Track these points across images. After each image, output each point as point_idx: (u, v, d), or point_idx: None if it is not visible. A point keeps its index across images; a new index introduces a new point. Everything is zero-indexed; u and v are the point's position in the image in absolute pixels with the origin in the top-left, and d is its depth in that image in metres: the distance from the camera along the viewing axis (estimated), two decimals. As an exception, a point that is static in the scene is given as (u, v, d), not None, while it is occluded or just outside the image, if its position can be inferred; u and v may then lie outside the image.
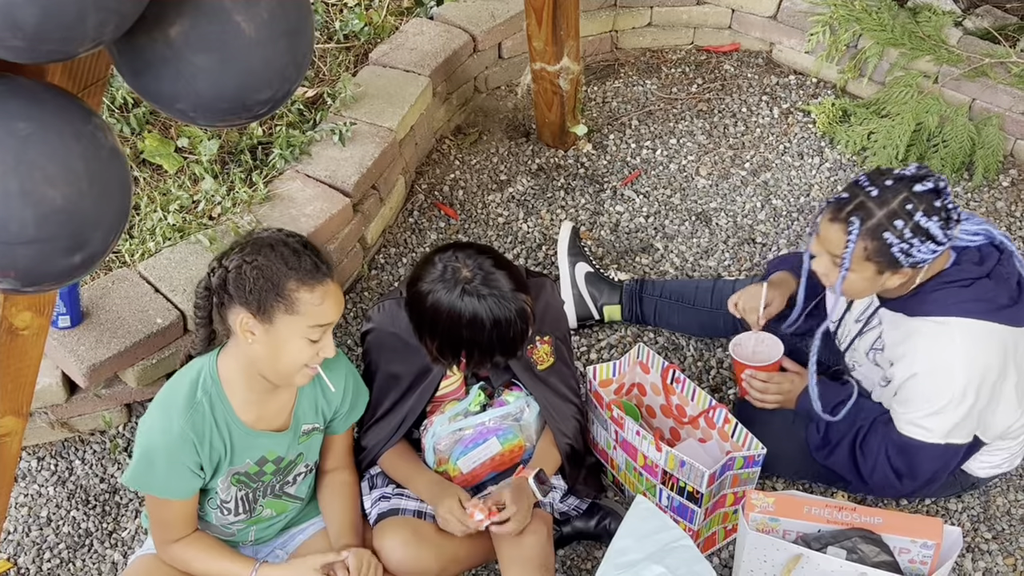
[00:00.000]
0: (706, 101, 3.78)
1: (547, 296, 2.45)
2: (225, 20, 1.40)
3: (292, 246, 2.04)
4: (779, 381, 2.56)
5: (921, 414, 2.34)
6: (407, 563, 2.27)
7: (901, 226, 2.16)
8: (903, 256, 2.19)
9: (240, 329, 2.04)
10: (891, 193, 2.19)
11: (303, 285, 2.01)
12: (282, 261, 2.01)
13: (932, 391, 2.31)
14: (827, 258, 2.30)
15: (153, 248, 2.79)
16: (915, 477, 2.42)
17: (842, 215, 2.22)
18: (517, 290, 2.20)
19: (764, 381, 2.57)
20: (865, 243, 2.20)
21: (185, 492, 2.16)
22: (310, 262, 2.03)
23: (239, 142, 3.14)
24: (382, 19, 3.68)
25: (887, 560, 2.17)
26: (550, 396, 2.44)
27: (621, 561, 2.08)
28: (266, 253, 2.02)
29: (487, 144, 3.64)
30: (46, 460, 2.71)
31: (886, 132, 3.48)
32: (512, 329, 2.20)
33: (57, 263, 1.41)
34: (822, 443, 2.52)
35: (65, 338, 2.56)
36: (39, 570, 2.52)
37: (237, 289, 2.02)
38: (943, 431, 2.34)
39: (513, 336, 2.22)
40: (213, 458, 2.15)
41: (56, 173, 1.35)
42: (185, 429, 2.09)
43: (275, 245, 2.04)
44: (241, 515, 2.28)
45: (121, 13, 1.26)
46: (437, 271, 2.21)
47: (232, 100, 1.47)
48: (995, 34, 3.62)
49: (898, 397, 2.39)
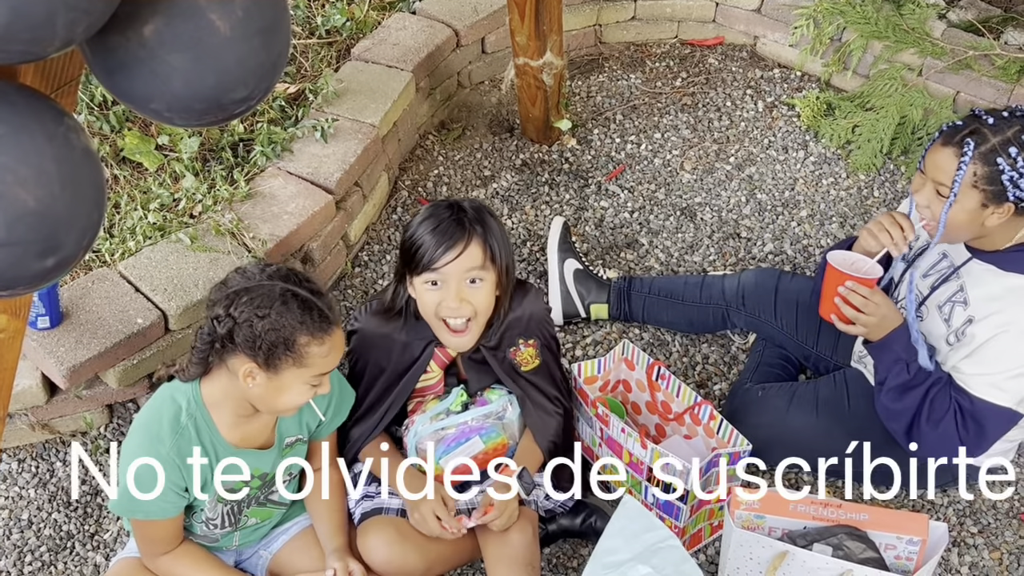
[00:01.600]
0: (690, 95, 3.77)
1: (531, 301, 2.43)
2: (199, 18, 1.37)
3: (302, 297, 2.01)
4: (879, 302, 2.35)
5: (1004, 375, 2.28)
6: (392, 563, 2.26)
7: (1015, 154, 2.17)
8: (1011, 187, 2.18)
9: (242, 376, 2.02)
10: (1007, 124, 2.20)
11: (313, 340, 2.01)
12: (295, 317, 1.98)
13: (1021, 350, 2.26)
14: (930, 188, 2.28)
15: (133, 247, 2.76)
16: (979, 442, 2.35)
17: (956, 139, 2.22)
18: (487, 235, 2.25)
19: (865, 298, 2.34)
20: (976, 167, 2.19)
21: (171, 513, 2.14)
22: (319, 314, 2.01)
23: (220, 139, 3.11)
24: (364, 14, 3.65)
25: (873, 556, 2.16)
26: (534, 394, 2.43)
27: (608, 561, 2.07)
28: (278, 308, 1.98)
29: (471, 140, 3.62)
30: (27, 462, 2.68)
31: (870, 125, 3.48)
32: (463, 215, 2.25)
33: (30, 267, 1.38)
34: (909, 381, 2.36)
35: (45, 339, 2.53)
36: (20, 573, 2.49)
37: (246, 342, 1.99)
38: (1019, 395, 2.30)
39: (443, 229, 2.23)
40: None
41: (28, 175, 1.33)
42: (171, 453, 2.07)
43: (286, 298, 1.99)
44: (227, 527, 2.27)
45: (91, 12, 1.24)
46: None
47: (207, 100, 1.44)
48: (979, 26, 3.61)
49: (977, 356, 2.31)
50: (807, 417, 2.58)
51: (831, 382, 2.65)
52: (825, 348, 2.74)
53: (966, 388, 2.34)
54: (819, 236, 3.27)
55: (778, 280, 2.85)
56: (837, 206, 3.37)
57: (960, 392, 2.34)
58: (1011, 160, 2.18)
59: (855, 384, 2.61)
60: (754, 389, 2.68)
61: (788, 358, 2.84)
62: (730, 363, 2.93)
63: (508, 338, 2.39)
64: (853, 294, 2.35)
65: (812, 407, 2.59)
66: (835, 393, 2.61)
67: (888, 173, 3.47)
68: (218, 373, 2.09)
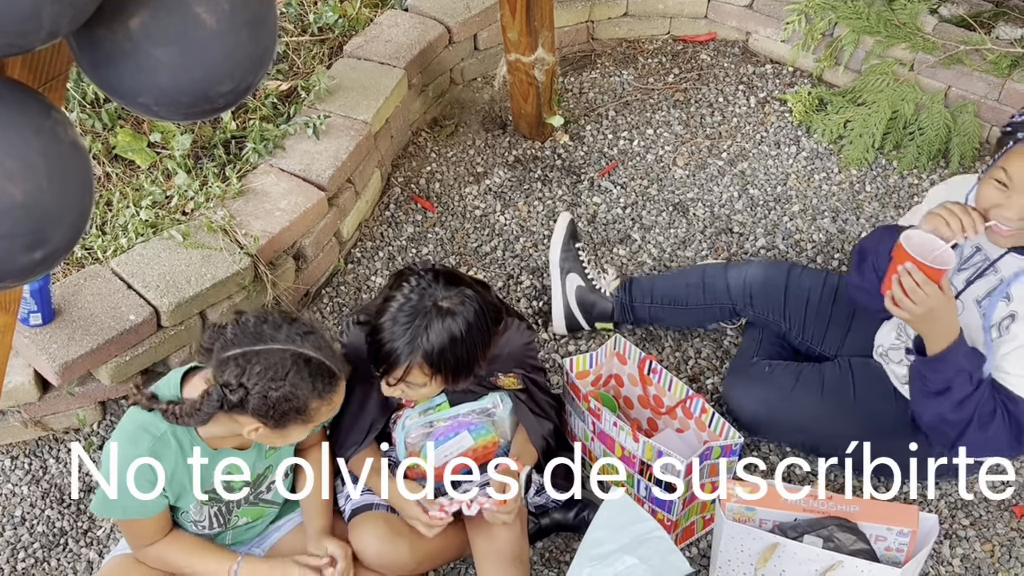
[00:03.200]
0: (683, 91, 3.77)
1: (509, 338, 2.34)
2: (185, 11, 1.37)
3: (315, 363, 2.00)
4: (931, 293, 2.21)
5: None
6: (383, 558, 2.26)
7: None
8: None
9: (247, 431, 2.04)
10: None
11: (324, 403, 2.04)
12: (307, 387, 1.99)
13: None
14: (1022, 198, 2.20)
15: (126, 244, 2.77)
16: (1022, 442, 2.32)
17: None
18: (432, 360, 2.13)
19: (918, 284, 2.22)
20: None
21: (152, 511, 2.14)
22: (329, 376, 2.02)
23: (212, 136, 3.11)
24: (356, 11, 3.66)
25: (863, 548, 2.17)
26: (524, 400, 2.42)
27: (595, 552, 2.07)
28: (292, 379, 1.97)
29: (463, 136, 3.62)
30: (20, 459, 2.69)
31: (862, 120, 3.48)
32: (382, 347, 2.15)
33: (17, 260, 1.38)
34: (972, 390, 2.29)
35: (37, 336, 2.53)
36: (13, 570, 2.50)
37: (257, 410, 1.98)
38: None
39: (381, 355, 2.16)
40: (175, 486, 2.13)
41: (15, 169, 1.33)
42: (156, 447, 2.07)
43: (299, 366, 1.98)
44: (216, 528, 2.27)
45: (77, 4, 1.24)
46: (431, 278, 2.16)
47: (194, 93, 1.44)
48: (970, 21, 3.62)
49: (1018, 354, 2.27)
50: (811, 397, 2.59)
51: (836, 368, 2.64)
52: (830, 347, 2.73)
53: (1009, 388, 2.30)
54: (811, 231, 3.27)
55: (788, 276, 2.80)
56: (829, 201, 3.37)
57: (1002, 392, 2.30)
58: None
59: (862, 374, 2.59)
60: (761, 364, 2.68)
61: (785, 338, 2.83)
62: (722, 357, 2.93)
63: (487, 370, 2.34)
64: (907, 276, 2.23)
65: (818, 389, 2.59)
66: (840, 379, 2.61)
67: (880, 168, 3.48)
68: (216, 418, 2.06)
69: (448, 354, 2.12)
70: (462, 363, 2.16)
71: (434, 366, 2.13)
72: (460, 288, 2.15)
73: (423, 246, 3.24)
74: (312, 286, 3.05)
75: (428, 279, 2.15)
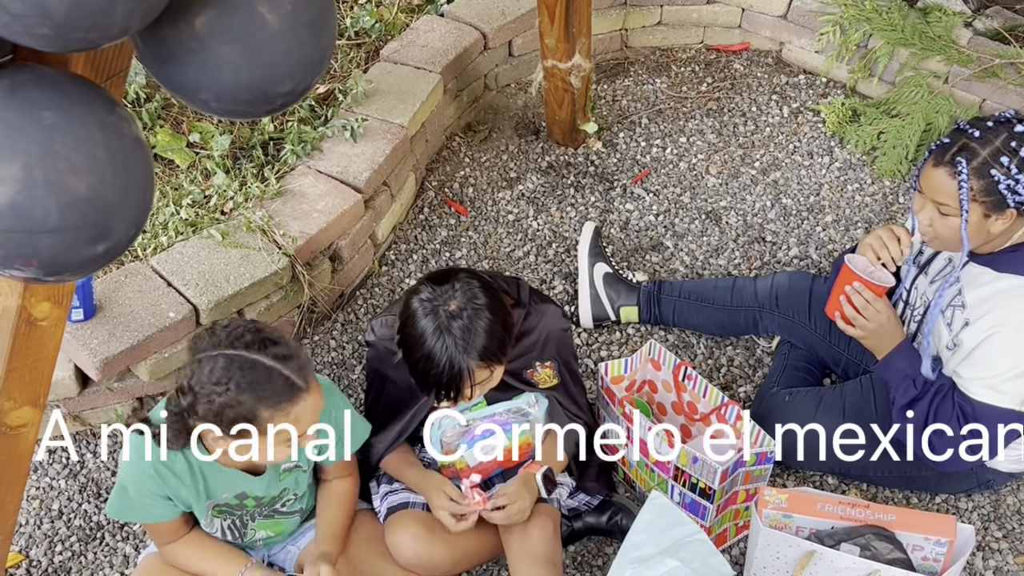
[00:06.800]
0: (716, 100, 3.78)
1: (548, 321, 2.39)
2: (249, 10, 1.40)
3: (260, 365, 1.92)
4: (879, 309, 2.43)
5: (1001, 377, 2.27)
6: (420, 558, 2.27)
7: (1007, 162, 2.17)
8: (1010, 194, 2.18)
9: (210, 443, 2.02)
10: (993, 133, 2.20)
11: (277, 412, 1.94)
12: (254, 391, 1.91)
13: (1015, 352, 2.25)
14: (932, 207, 2.28)
15: (166, 242, 2.80)
16: (987, 447, 2.35)
17: (946, 158, 2.22)
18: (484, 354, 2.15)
19: (867, 301, 2.43)
20: (971, 183, 2.20)
21: (167, 516, 2.17)
22: (282, 382, 1.93)
23: (251, 138, 3.14)
24: (393, 16, 3.68)
25: (900, 557, 2.17)
26: (556, 407, 2.44)
27: (635, 556, 2.08)
28: (235, 384, 1.91)
29: (497, 141, 3.64)
30: (58, 453, 2.71)
31: (896, 132, 3.48)
32: (443, 377, 2.16)
33: (80, 252, 1.41)
34: (917, 395, 2.40)
35: (78, 331, 2.56)
36: (51, 563, 2.52)
37: (206, 415, 1.95)
38: (1020, 396, 2.29)
39: (446, 383, 2.17)
40: (184, 496, 2.14)
41: (80, 162, 1.36)
42: (157, 466, 2.09)
43: (244, 370, 1.91)
44: (230, 540, 2.28)
45: (149, 3, 1.27)
46: (427, 293, 2.17)
47: (255, 91, 1.47)
48: (1005, 35, 3.62)
49: (973, 359, 2.31)
50: (834, 423, 2.58)
51: (858, 387, 2.65)
52: (856, 352, 2.73)
53: (966, 392, 2.34)
54: (844, 241, 3.27)
55: (812, 283, 2.85)
56: (862, 211, 3.38)
57: (962, 397, 2.34)
58: (1005, 169, 2.18)
59: (881, 389, 2.61)
60: (781, 394, 2.69)
61: (813, 361, 2.84)
62: (755, 366, 2.94)
63: (524, 360, 2.37)
64: (857, 295, 2.44)
65: (839, 412, 2.59)
66: (862, 398, 2.61)
67: (912, 179, 3.48)
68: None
69: (490, 339, 2.15)
70: (505, 336, 2.19)
71: (489, 357, 2.16)
72: (452, 282, 2.17)
73: (456, 250, 3.26)
74: (347, 287, 3.08)
75: (427, 293, 2.16)
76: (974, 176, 2.19)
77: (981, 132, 2.21)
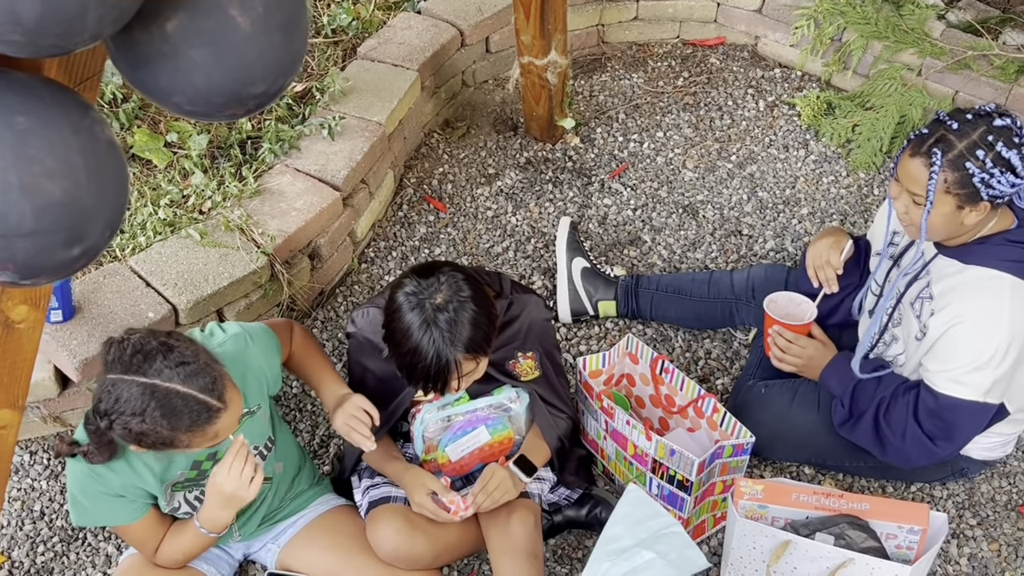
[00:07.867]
0: (692, 94, 3.81)
1: (530, 311, 2.42)
2: (220, 14, 1.41)
3: (178, 393, 1.90)
4: (804, 345, 2.59)
5: (964, 369, 2.30)
6: (400, 550, 2.29)
7: (983, 156, 2.19)
8: (983, 188, 2.20)
9: (135, 450, 2.02)
10: (971, 126, 2.22)
11: (196, 435, 1.95)
12: (167, 422, 1.90)
13: (976, 343, 2.28)
14: (907, 197, 2.31)
15: (144, 243, 2.80)
16: (951, 438, 2.38)
17: (923, 149, 2.24)
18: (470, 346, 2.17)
19: (789, 341, 2.59)
20: (946, 174, 2.21)
21: (131, 516, 2.17)
22: (198, 407, 1.92)
23: (228, 137, 3.15)
24: (370, 13, 3.69)
25: (874, 546, 2.20)
26: (537, 403, 2.46)
27: (612, 548, 2.10)
28: (150, 415, 1.89)
29: (475, 138, 3.66)
30: (39, 454, 2.72)
31: (870, 124, 3.52)
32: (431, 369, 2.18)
33: (56, 256, 1.42)
34: (848, 416, 2.49)
35: (57, 332, 2.56)
36: (33, 564, 2.53)
37: (126, 438, 1.96)
38: (983, 388, 2.31)
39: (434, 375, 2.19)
40: (138, 485, 2.14)
41: (55, 167, 1.36)
42: (95, 468, 2.09)
43: (157, 400, 1.89)
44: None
45: (120, 8, 1.27)
46: (412, 286, 2.18)
47: (227, 94, 1.47)
48: (977, 27, 3.66)
49: (936, 352, 2.34)
50: (809, 414, 2.61)
51: None
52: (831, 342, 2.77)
53: (931, 385, 2.36)
54: (820, 233, 3.30)
55: (788, 275, 2.88)
56: (838, 204, 3.41)
57: (927, 389, 2.37)
58: (980, 162, 2.19)
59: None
60: (757, 386, 2.71)
61: None
62: (732, 358, 2.97)
63: (507, 351, 2.40)
64: (779, 337, 2.61)
65: (814, 404, 2.62)
66: None
67: (887, 171, 3.51)
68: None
69: (475, 331, 2.16)
70: (490, 327, 2.21)
71: (475, 349, 2.17)
72: (436, 275, 2.18)
73: (435, 246, 3.27)
74: (327, 285, 3.09)
75: (412, 287, 2.17)
76: (949, 168, 2.21)
77: (960, 124, 2.22)
